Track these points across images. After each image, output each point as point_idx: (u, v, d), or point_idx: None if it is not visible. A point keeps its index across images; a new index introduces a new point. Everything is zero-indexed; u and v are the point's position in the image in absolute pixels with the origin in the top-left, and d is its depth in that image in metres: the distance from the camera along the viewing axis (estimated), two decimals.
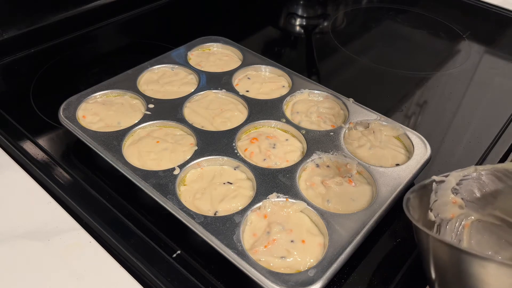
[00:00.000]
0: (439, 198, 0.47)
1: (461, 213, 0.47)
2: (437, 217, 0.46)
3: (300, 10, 1.02)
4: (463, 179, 0.48)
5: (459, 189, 0.48)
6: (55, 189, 0.52)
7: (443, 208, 0.47)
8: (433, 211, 0.47)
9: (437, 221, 0.46)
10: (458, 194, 0.48)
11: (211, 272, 0.45)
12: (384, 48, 0.90)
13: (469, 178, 0.48)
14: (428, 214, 0.46)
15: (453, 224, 0.47)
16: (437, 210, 0.47)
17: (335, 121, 0.62)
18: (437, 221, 0.46)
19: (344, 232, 0.45)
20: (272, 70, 0.71)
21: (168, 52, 0.72)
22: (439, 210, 0.47)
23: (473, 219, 0.48)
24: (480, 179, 0.48)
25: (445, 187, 0.47)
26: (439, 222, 0.47)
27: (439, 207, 0.47)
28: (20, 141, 0.58)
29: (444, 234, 0.47)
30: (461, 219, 0.47)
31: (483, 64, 0.84)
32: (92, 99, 0.62)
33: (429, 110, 0.72)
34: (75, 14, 0.83)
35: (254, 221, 0.47)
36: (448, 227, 0.47)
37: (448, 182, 0.47)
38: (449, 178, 0.47)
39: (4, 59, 0.75)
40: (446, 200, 0.47)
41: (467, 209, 0.48)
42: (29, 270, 0.44)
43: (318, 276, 0.41)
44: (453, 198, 0.47)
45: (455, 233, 0.47)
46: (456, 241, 0.47)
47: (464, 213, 0.47)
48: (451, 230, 0.47)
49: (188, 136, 0.58)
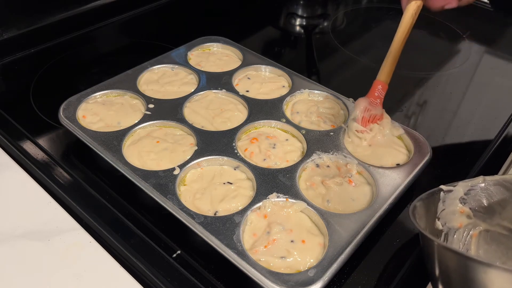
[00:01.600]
0: (447, 207, 0.47)
1: (469, 222, 0.47)
2: (444, 226, 0.46)
3: (300, 10, 1.02)
4: (471, 189, 0.48)
5: (467, 198, 0.48)
6: (55, 189, 0.52)
7: (451, 217, 0.47)
8: (440, 220, 0.47)
9: (444, 230, 0.46)
10: (466, 203, 0.48)
11: (211, 272, 0.45)
12: (384, 48, 0.89)
13: (477, 188, 0.48)
14: (436, 223, 0.46)
15: (460, 233, 0.47)
16: (444, 219, 0.47)
17: (335, 121, 0.62)
18: (445, 230, 0.46)
19: (344, 232, 0.45)
20: (272, 70, 0.71)
21: (168, 52, 0.72)
22: (447, 219, 0.47)
23: (481, 229, 0.48)
24: (488, 189, 0.48)
25: (453, 196, 0.47)
26: (446, 231, 0.47)
27: (447, 216, 0.47)
28: (20, 141, 0.58)
29: (452, 243, 0.47)
30: (469, 229, 0.47)
31: (483, 64, 0.84)
32: (92, 99, 0.62)
33: (429, 110, 0.72)
34: (75, 14, 0.83)
35: (254, 221, 0.47)
36: (456, 236, 0.47)
37: (456, 191, 0.47)
38: (457, 188, 0.47)
39: (4, 59, 0.75)
40: (454, 209, 0.47)
41: (475, 219, 0.48)
42: (29, 270, 0.44)
43: (318, 276, 0.41)
44: (461, 208, 0.47)
45: (462, 242, 0.47)
46: (463, 250, 0.47)
47: (472, 222, 0.47)
48: (459, 240, 0.47)
49: (188, 136, 0.58)
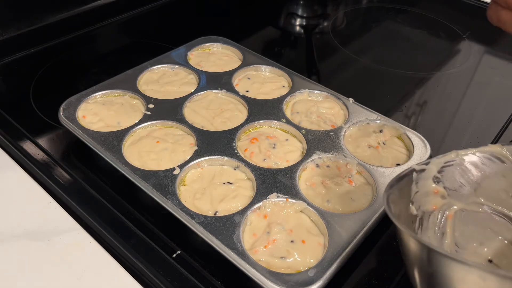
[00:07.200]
0: (420, 188, 0.44)
1: (443, 203, 0.44)
2: (418, 210, 0.43)
3: (300, 10, 1.02)
4: (445, 166, 0.45)
5: (441, 177, 0.45)
6: (55, 189, 0.52)
7: (425, 199, 0.44)
8: (414, 204, 0.43)
9: (419, 215, 0.43)
10: (440, 183, 0.45)
11: (211, 272, 0.45)
12: (384, 48, 0.90)
13: (451, 165, 0.45)
14: (410, 208, 0.43)
15: (435, 216, 0.44)
16: (418, 202, 0.43)
17: (335, 121, 0.62)
18: (419, 215, 0.43)
19: (344, 232, 0.45)
20: (272, 70, 0.71)
21: (168, 52, 0.72)
22: (421, 202, 0.44)
23: (456, 208, 0.45)
24: (462, 164, 0.45)
25: (426, 176, 0.44)
26: (421, 215, 0.44)
27: (421, 198, 0.44)
28: (20, 141, 0.58)
29: (427, 228, 0.43)
30: (443, 210, 0.44)
31: (483, 64, 0.84)
32: (92, 99, 0.62)
33: (429, 110, 0.72)
34: (75, 14, 0.83)
35: (254, 221, 0.47)
36: (431, 220, 0.44)
37: (429, 170, 0.44)
38: (429, 166, 0.44)
39: (4, 59, 0.75)
40: (428, 190, 0.44)
41: (449, 199, 0.45)
42: (29, 270, 0.44)
43: (318, 276, 0.41)
44: (435, 188, 0.44)
45: (438, 225, 0.44)
46: (439, 234, 0.44)
47: (447, 203, 0.44)
48: (434, 223, 0.44)
49: (188, 136, 0.58)
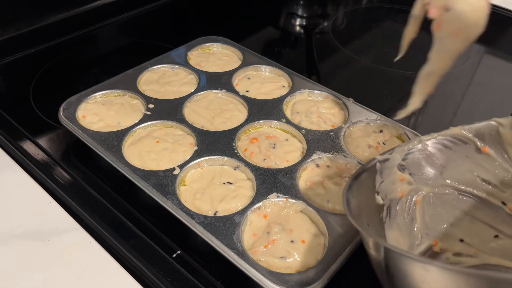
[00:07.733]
0: (385, 178, 0.44)
1: (410, 189, 0.44)
2: (385, 199, 0.43)
3: (300, 10, 1.02)
4: (409, 153, 0.45)
5: (406, 164, 0.45)
6: (55, 189, 0.52)
7: (391, 187, 0.43)
8: (380, 194, 0.43)
9: (386, 204, 0.43)
10: (405, 170, 0.45)
11: (211, 272, 0.45)
12: (384, 48, 0.90)
13: (414, 151, 0.45)
14: (376, 198, 0.43)
15: (403, 203, 0.44)
16: (384, 191, 0.43)
17: (335, 121, 0.62)
18: (386, 203, 0.43)
19: (344, 232, 0.45)
20: (272, 70, 0.71)
21: (168, 52, 0.72)
22: (387, 191, 0.43)
23: (424, 193, 0.45)
24: (426, 149, 0.45)
25: (390, 165, 0.44)
26: (388, 204, 0.43)
27: (387, 187, 0.43)
28: (20, 141, 0.58)
29: (396, 215, 0.43)
30: (411, 196, 0.44)
31: (483, 64, 0.84)
32: (92, 99, 0.62)
33: (429, 110, 0.72)
34: (75, 14, 0.83)
35: (254, 221, 0.47)
36: (399, 207, 0.44)
37: (393, 159, 0.44)
38: (393, 155, 0.44)
39: (4, 59, 0.75)
40: (393, 178, 0.44)
41: (416, 184, 0.45)
42: (29, 270, 0.44)
43: (318, 276, 0.41)
44: (401, 175, 0.44)
45: (406, 212, 0.44)
46: (408, 220, 0.44)
47: (414, 188, 0.44)
48: (403, 210, 0.44)
49: (188, 136, 0.57)
